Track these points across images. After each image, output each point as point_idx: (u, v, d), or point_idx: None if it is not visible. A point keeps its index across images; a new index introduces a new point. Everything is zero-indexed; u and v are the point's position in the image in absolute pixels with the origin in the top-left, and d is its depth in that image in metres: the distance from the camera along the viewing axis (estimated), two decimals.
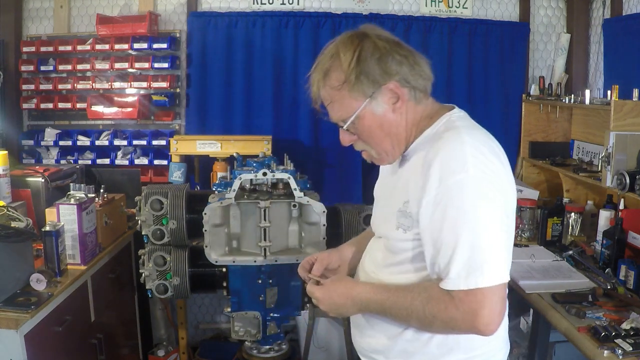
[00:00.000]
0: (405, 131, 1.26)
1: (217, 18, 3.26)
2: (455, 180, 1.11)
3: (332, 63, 1.21)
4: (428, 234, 1.16)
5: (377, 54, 1.19)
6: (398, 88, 1.21)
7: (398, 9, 3.37)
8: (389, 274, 1.30)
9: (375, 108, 1.22)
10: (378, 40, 1.20)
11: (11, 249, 1.90)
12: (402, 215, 1.23)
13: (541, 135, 3.30)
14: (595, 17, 3.22)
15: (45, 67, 3.24)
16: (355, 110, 1.21)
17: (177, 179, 3.08)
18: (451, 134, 1.18)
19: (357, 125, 1.24)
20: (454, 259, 1.10)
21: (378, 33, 1.23)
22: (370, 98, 1.20)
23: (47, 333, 1.94)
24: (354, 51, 1.19)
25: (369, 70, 1.18)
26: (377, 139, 1.25)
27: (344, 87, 1.20)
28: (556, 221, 2.65)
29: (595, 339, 1.66)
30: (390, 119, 1.23)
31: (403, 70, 1.20)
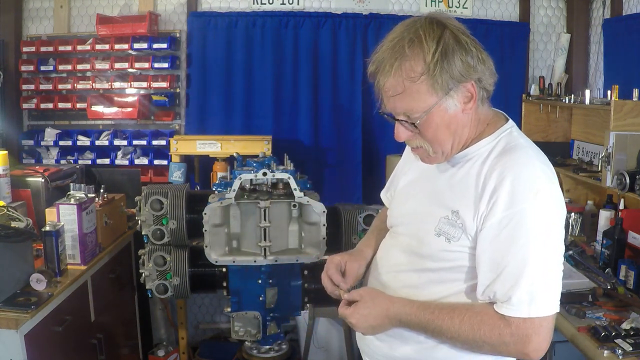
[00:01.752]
0: (468, 133, 1.20)
1: (217, 18, 3.26)
2: (527, 207, 1.08)
3: (411, 51, 1.10)
4: (487, 256, 1.12)
5: (460, 48, 1.10)
6: (474, 88, 1.14)
7: (398, 9, 3.37)
8: (416, 279, 1.24)
9: (449, 106, 1.14)
10: (459, 34, 1.12)
11: (11, 249, 1.90)
12: (448, 223, 1.17)
13: (541, 135, 3.29)
14: (595, 17, 3.22)
15: (45, 67, 3.24)
16: (429, 105, 1.12)
17: (177, 179, 3.08)
18: (521, 154, 1.14)
19: (424, 122, 1.14)
20: (519, 286, 1.08)
21: (455, 24, 1.14)
22: (447, 95, 1.12)
23: (47, 333, 1.94)
24: (438, 41, 1.09)
25: (451, 65, 1.09)
26: (442, 137, 1.17)
27: (422, 80, 1.10)
28: None
29: (595, 339, 1.66)
30: (459, 118, 1.16)
31: (481, 69, 1.14)
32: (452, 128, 1.16)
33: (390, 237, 1.38)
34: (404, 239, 1.30)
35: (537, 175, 1.11)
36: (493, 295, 1.11)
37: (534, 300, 1.08)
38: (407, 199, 1.35)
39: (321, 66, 3.29)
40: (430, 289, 1.22)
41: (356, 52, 3.28)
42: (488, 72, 1.16)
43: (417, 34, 1.10)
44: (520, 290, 1.08)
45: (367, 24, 3.28)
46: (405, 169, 1.41)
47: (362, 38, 3.28)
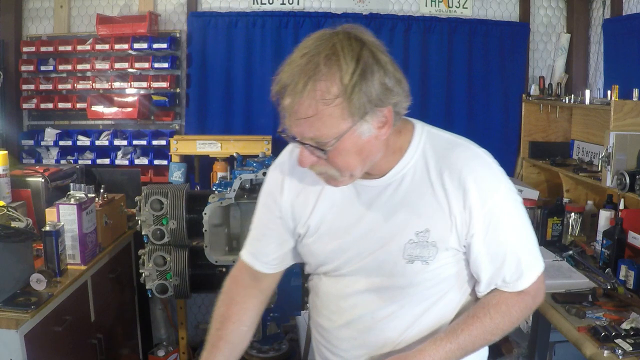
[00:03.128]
0: (381, 155, 1.10)
1: (217, 18, 3.26)
2: (498, 197, 1.12)
3: (327, 70, 0.97)
4: (485, 253, 1.13)
5: (380, 69, 1.00)
6: (390, 112, 1.04)
7: (398, 9, 3.37)
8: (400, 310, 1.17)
9: (364, 131, 1.02)
10: (378, 52, 1.02)
11: (11, 249, 1.90)
12: (418, 246, 1.12)
13: (541, 135, 3.30)
14: (595, 17, 3.22)
15: (45, 67, 3.24)
16: (342, 131, 1.00)
17: (177, 179, 3.08)
18: (459, 150, 1.13)
19: (334, 148, 1.02)
20: (523, 261, 1.15)
21: (373, 41, 1.03)
22: (362, 120, 1.01)
23: (47, 333, 1.94)
24: (357, 60, 0.98)
25: (370, 88, 0.98)
26: (351, 164, 1.06)
27: (337, 103, 0.97)
28: (556, 221, 2.65)
29: (595, 339, 1.66)
30: (372, 144, 1.05)
31: (397, 92, 1.04)
32: (363, 154, 1.05)
33: (336, 282, 1.22)
34: (363, 278, 1.18)
35: (487, 162, 1.14)
36: (502, 281, 1.16)
37: (536, 263, 1.18)
38: (340, 234, 1.18)
39: None
40: (415, 309, 1.18)
41: None
42: (404, 94, 1.07)
43: (334, 50, 0.98)
44: (525, 263, 1.15)
45: (367, 24, 3.25)
46: (304, 202, 1.21)
47: None
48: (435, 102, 3.34)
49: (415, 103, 3.88)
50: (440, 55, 3.31)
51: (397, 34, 3.28)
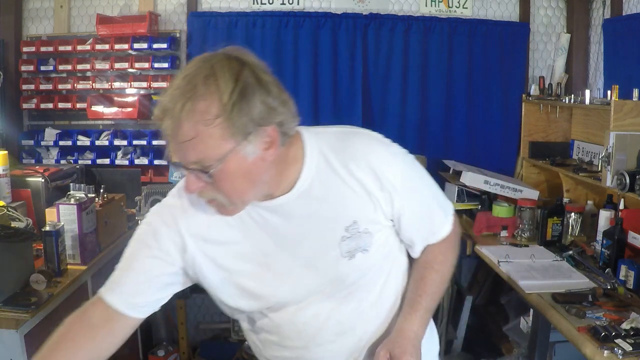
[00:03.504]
0: (275, 176, 1.07)
1: (217, 18, 3.26)
2: (404, 167, 1.17)
3: (206, 90, 0.95)
4: (413, 221, 1.21)
5: (261, 88, 0.98)
6: (275, 132, 1.01)
7: (398, 9, 3.37)
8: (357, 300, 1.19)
9: (248, 152, 0.99)
10: (260, 72, 1.00)
11: (11, 249, 1.90)
12: (352, 240, 1.12)
13: (541, 135, 3.29)
14: (595, 17, 3.22)
15: (45, 67, 3.24)
16: (225, 152, 0.97)
17: (177, 179, 3.08)
18: (354, 139, 1.16)
19: (219, 171, 0.98)
20: (440, 209, 1.26)
21: (255, 61, 1.02)
22: (245, 140, 0.97)
23: (47, 333, 1.93)
24: (236, 79, 0.96)
25: (251, 107, 0.96)
26: (239, 188, 1.03)
27: (218, 123, 0.94)
28: (556, 221, 2.65)
29: (595, 339, 1.66)
30: (259, 166, 1.01)
31: (282, 112, 1.01)
32: (251, 177, 1.02)
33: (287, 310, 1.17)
34: (314, 294, 1.16)
35: (381, 140, 1.19)
36: (431, 234, 1.26)
37: (449, 204, 1.29)
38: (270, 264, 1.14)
39: (321, 66, 3.29)
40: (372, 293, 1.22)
41: (356, 52, 3.28)
42: (290, 114, 1.04)
43: (213, 70, 0.96)
44: (443, 209, 1.27)
45: (367, 24, 3.28)
46: (214, 243, 1.14)
47: (362, 38, 3.28)
48: (435, 102, 3.34)
49: (415, 103, 3.88)
50: (440, 55, 3.31)
51: (397, 34, 3.28)
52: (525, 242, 2.72)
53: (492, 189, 2.96)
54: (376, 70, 3.31)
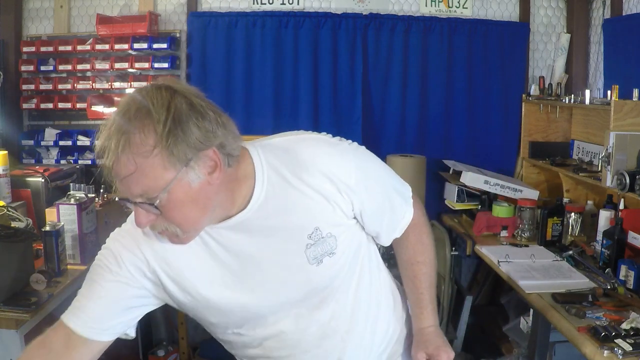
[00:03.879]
0: (227, 198, 1.06)
1: (217, 18, 3.26)
2: (357, 163, 1.15)
3: (139, 122, 0.94)
4: (375, 214, 1.21)
5: (195, 113, 0.97)
6: (217, 155, 0.99)
7: (398, 9, 3.37)
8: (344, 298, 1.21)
9: (192, 179, 0.98)
10: (193, 98, 0.98)
11: (11, 249, 1.90)
12: (317, 246, 1.12)
13: (541, 135, 3.30)
14: (595, 17, 3.22)
15: (45, 67, 3.24)
16: (168, 181, 0.96)
17: None
18: (300, 146, 1.13)
19: (165, 202, 0.98)
20: (400, 194, 1.27)
21: (187, 88, 1.01)
22: (187, 167, 0.97)
23: None
24: (167, 108, 0.95)
25: (187, 133, 0.95)
26: (189, 215, 1.02)
27: (156, 153, 0.94)
28: (556, 221, 2.65)
29: (595, 339, 1.66)
30: (206, 191, 1.00)
31: (222, 134, 1.00)
32: (200, 203, 1.01)
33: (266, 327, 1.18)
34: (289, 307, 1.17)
35: (326, 141, 1.17)
36: (395, 222, 1.27)
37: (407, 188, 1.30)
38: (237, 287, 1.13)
39: (321, 66, 3.29)
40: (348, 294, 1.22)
41: (356, 52, 3.28)
42: (231, 135, 1.03)
43: (144, 103, 0.95)
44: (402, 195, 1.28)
45: (367, 24, 3.28)
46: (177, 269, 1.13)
47: (362, 38, 3.28)
48: (435, 102, 3.34)
49: (415, 103, 3.88)
50: (440, 55, 3.31)
51: (397, 34, 3.28)
52: (525, 242, 2.72)
53: (492, 189, 2.96)
54: (376, 70, 3.31)
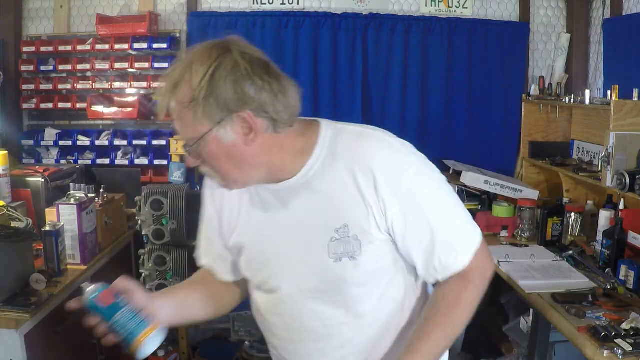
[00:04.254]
0: (265, 163, 1.10)
1: (217, 18, 3.26)
2: (409, 180, 1.09)
3: (183, 75, 1.03)
4: (411, 240, 1.12)
5: (234, 75, 1.00)
6: (252, 118, 1.03)
7: (398, 9, 3.37)
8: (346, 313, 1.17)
9: (222, 136, 1.04)
10: (240, 59, 1.02)
11: (11, 249, 1.90)
12: (341, 243, 1.11)
13: (541, 135, 3.29)
14: (595, 17, 3.22)
15: (45, 67, 3.24)
16: (201, 134, 1.03)
17: (177, 179, 3.08)
18: (367, 140, 1.12)
19: (201, 150, 1.06)
20: (453, 239, 1.13)
21: (243, 49, 1.04)
22: (218, 125, 1.02)
23: (47, 333, 1.94)
24: (208, 67, 1.00)
25: (220, 93, 1.00)
26: (224, 168, 1.08)
27: (191, 107, 1.02)
28: (556, 221, 2.65)
29: (595, 339, 1.66)
30: (241, 150, 1.05)
31: (262, 99, 1.03)
32: (234, 159, 1.07)
33: (273, 297, 1.21)
34: (298, 290, 1.17)
35: (393, 146, 1.13)
36: (438, 263, 1.13)
37: (469, 238, 1.15)
38: (262, 243, 1.20)
39: (321, 66, 3.29)
40: (361, 306, 1.17)
41: (356, 52, 3.28)
42: (281, 104, 1.05)
43: (194, 58, 1.03)
44: (457, 240, 1.14)
45: (367, 24, 3.28)
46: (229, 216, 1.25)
47: (362, 38, 3.28)
48: (435, 102, 3.34)
49: (415, 103, 3.89)
50: (440, 55, 3.31)
51: (397, 34, 3.28)
52: (525, 242, 2.72)
53: (492, 189, 2.96)
54: (376, 70, 3.31)
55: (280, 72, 1.08)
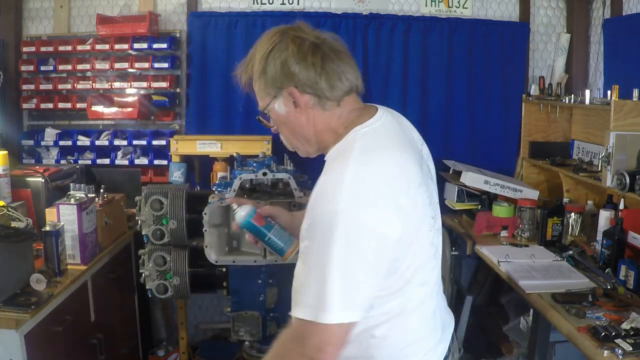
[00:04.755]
0: (314, 136, 1.22)
1: (217, 18, 3.26)
2: (322, 212, 1.03)
3: (253, 54, 1.23)
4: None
5: (283, 55, 1.16)
6: (296, 94, 1.17)
7: (398, 9, 3.37)
8: None
9: (277, 108, 1.21)
10: (291, 42, 1.16)
11: (11, 249, 1.90)
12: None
13: (541, 135, 3.30)
14: (595, 17, 3.22)
15: (45, 67, 3.24)
16: (265, 104, 1.23)
17: (177, 179, 3.08)
18: (341, 160, 1.09)
19: (270, 118, 1.26)
20: (298, 292, 1.06)
21: (298, 34, 1.18)
22: (274, 98, 1.21)
23: (47, 333, 1.94)
24: (267, 49, 1.19)
25: (269, 71, 1.18)
26: (286, 134, 1.27)
27: (256, 80, 1.23)
28: (556, 221, 2.65)
29: (595, 339, 1.66)
30: (293, 120, 1.21)
31: (305, 77, 1.15)
32: (290, 127, 1.24)
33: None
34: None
35: (345, 178, 1.03)
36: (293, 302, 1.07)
37: (306, 304, 1.03)
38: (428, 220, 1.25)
39: None
40: None
41: (356, 52, 3.27)
42: (327, 84, 1.16)
43: (261, 40, 1.22)
44: (299, 296, 1.05)
45: (367, 24, 3.28)
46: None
47: (362, 38, 3.28)
48: (435, 102, 3.34)
49: (415, 103, 3.88)
50: (440, 55, 3.31)
51: (397, 34, 3.28)
52: (525, 242, 2.72)
53: (492, 189, 2.96)
54: (376, 70, 3.31)
55: (331, 56, 1.17)
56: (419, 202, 1.13)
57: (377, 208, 1.03)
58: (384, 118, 1.21)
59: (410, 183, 1.11)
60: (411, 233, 1.10)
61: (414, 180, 1.12)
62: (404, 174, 1.11)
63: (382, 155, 1.10)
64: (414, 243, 1.12)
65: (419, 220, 1.14)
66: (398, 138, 1.20)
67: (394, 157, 1.12)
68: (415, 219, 1.12)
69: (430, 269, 1.22)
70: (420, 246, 1.15)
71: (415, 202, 1.11)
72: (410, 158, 1.16)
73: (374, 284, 1.07)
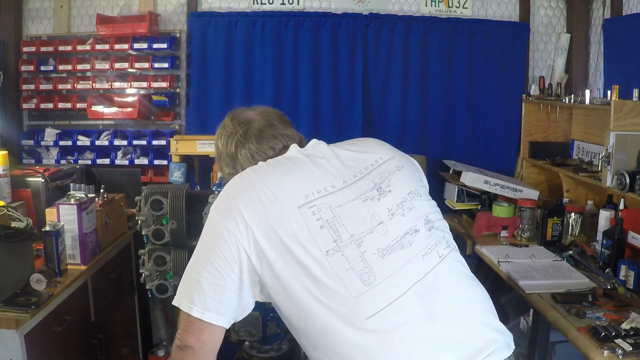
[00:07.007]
0: None
1: (217, 18, 3.26)
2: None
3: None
4: None
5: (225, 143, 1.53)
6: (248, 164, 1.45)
7: (398, 9, 3.37)
8: None
9: None
10: (220, 136, 1.54)
11: (11, 249, 1.90)
12: None
13: (541, 135, 3.30)
14: (595, 17, 3.22)
15: (45, 67, 3.24)
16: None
17: (177, 179, 3.08)
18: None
19: None
20: (185, 284, 1.27)
21: (227, 123, 1.58)
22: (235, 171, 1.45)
23: (47, 333, 1.94)
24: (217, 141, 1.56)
25: (222, 158, 1.53)
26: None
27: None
28: (556, 221, 2.65)
29: (595, 339, 1.66)
30: None
31: (246, 153, 1.50)
32: None
33: None
34: None
35: (227, 188, 1.32)
36: None
37: (183, 291, 1.25)
38: None
39: (321, 66, 3.29)
40: None
41: (356, 52, 3.28)
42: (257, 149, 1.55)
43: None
44: (183, 285, 1.27)
45: (367, 24, 3.28)
46: None
47: (362, 38, 3.28)
48: (435, 102, 3.34)
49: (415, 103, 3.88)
50: (440, 55, 3.31)
51: (397, 34, 3.28)
52: (525, 242, 2.72)
53: (492, 189, 2.96)
54: (376, 70, 3.31)
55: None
56: None
57: (219, 218, 1.30)
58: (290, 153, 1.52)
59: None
60: None
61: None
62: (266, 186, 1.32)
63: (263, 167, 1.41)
64: None
65: None
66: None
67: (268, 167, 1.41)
68: None
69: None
70: None
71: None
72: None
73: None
